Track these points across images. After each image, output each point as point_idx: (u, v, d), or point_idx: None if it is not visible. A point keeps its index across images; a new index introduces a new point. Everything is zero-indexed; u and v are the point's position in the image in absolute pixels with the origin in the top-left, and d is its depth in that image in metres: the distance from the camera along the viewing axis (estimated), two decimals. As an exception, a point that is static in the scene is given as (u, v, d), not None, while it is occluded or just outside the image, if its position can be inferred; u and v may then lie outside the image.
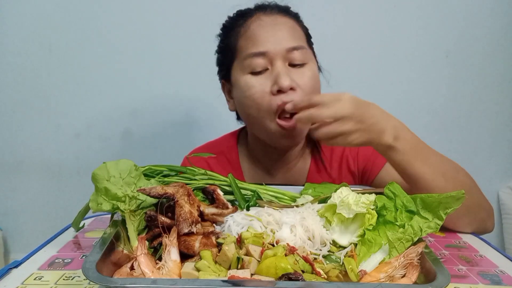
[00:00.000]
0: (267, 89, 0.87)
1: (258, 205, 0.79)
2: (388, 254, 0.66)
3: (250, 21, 0.93)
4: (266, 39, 0.89)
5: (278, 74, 0.86)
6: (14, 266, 0.70)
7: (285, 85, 0.85)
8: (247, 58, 0.89)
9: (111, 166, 0.70)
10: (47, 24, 1.61)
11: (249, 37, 0.91)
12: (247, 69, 0.90)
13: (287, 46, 0.88)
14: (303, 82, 0.88)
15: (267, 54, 0.88)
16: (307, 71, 0.90)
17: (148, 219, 0.69)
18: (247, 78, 0.90)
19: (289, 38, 0.89)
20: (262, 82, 0.88)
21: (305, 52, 0.90)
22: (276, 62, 0.88)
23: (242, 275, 0.56)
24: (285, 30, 0.91)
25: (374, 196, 0.72)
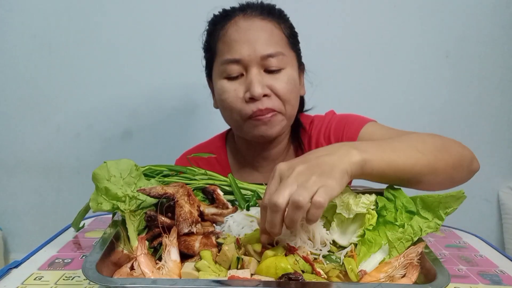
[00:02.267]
0: (241, 95, 0.89)
1: (258, 205, 0.79)
2: (388, 254, 0.66)
3: (229, 25, 0.92)
4: (241, 46, 0.89)
5: (250, 81, 0.88)
6: (14, 266, 0.70)
7: (257, 93, 0.86)
8: (223, 63, 0.91)
9: (111, 165, 0.70)
10: (47, 24, 1.61)
11: (225, 42, 0.91)
12: (223, 73, 0.91)
13: (262, 54, 0.88)
14: (278, 88, 0.89)
15: (242, 61, 0.89)
16: (282, 76, 0.90)
17: (148, 219, 0.69)
18: (223, 82, 0.92)
19: (265, 45, 0.89)
20: (236, 87, 0.90)
21: (281, 58, 0.90)
22: (251, 69, 0.89)
23: (242, 275, 0.56)
24: (261, 36, 0.90)
25: (374, 196, 0.72)
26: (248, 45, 0.89)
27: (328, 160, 0.61)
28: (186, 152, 1.13)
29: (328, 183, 0.58)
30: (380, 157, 0.67)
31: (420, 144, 0.74)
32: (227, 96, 0.91)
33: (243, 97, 0.89)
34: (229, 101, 0.90)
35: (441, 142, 0.78)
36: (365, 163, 0.64)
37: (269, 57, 0.89)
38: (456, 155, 0.77)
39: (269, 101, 0.89)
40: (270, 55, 0.89)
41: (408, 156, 0.70)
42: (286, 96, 0.90)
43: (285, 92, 0.90)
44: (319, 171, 0.59)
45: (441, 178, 0.74)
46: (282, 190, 0.57)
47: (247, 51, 0.88)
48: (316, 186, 0.57)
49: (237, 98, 0.90)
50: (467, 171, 0.80)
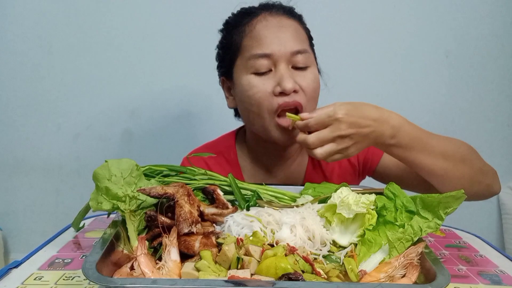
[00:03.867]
0: (269, 89, 0.89)
1: (258, 205, 0.79)
2: (388, 254, 0.66)
3: (256, 21, 0.93)
4: (271, 41, 0.89)
5: (282, 76, 0.88)
6: (14, 266, 0.70)
7: (288, 87, 0.87)
8: (251, 58, 0.90)
9: (112, 165, 0.70)
10: (47, 24, 1.61)
11: (254, 37, 0.91)
12: (251, 69, 0.90)
13: (291, 50, 0.89)
14: (305, 85, 0.90)
15: (272, 56, 0.89)
16: (309, 74, 0.92)
17: (148, 219, 0.69)
18: (250, 77, 0.90)
19: (293, 41, 0.90)
20: (264, 82, 0.89)
21: (308, 56, 0.92)
22: (280, 64, 0.89)
23: (242, 275, 0.56)
24: (290, 32, 0.91)
25: (374, 196, 0.72)
26: (278, 41, 0.89)
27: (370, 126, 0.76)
28: (194, 150, 1.11)
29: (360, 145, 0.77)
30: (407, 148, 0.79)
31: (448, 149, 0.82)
32: (256, 91, 0.89)
33: (272, 92, 0.88)
34: (258, 96, 0.89)
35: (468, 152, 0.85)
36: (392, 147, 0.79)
37: (298, 53, 0.90)
38: (478, 169, 0.84)
39: (297, 96, 0.89)
40: (299, 51, 0.90)
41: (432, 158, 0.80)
42: (312, 94, 0.91)
43: (311, 89, 0.91)
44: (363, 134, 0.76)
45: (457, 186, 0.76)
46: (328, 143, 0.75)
47: (278, 46, 0.89)
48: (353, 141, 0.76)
49: (265, 93, 0.89)
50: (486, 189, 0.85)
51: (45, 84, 1.66)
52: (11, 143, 1.71)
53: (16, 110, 1.68)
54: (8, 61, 1.64)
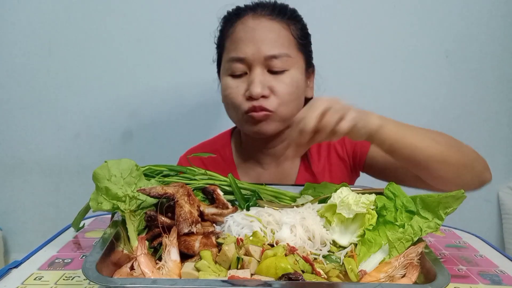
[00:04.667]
0: (241, 92, 0.92)
1: (258, 205, 0.79)
2: (388, 254, 0.66)
3: (238, 23, 0.95)
4: (246, 44, 0.91)
5: (252, 81, 0.90)
6: (14, 266, 0.70)
7: (255, 93, 0.88)
8: (228, 61, 0.94)
9: (112, 165, 0.70)
10: (47, 24, 1.61)
11: (233, 40, 0.94)
12: (228, 71, 0.94)
13: (266, 54, 0.90)
14: (279, 90, 0.91)
15: (246, 60, 0.91)
16: (285, 78, 0.92)
17: (148, 219, 0.69)
18: (227, 79, 0.95)
19: (270, 46, 0.90)
20: (238, 85, 0.92)
21: (285, 60, 0.91)
22: (254, 69, 0.91)
23: (242, 275, 0.56)
24: (268, 36, 0.91)
25: (374, 196, 0.72)
26: (253, 45, 0.90)
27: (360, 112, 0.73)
28: (190, 149, 1.13)
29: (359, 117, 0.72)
30: (396, 129, 0.75)
31: (437, 136, 0.80)
32: (230, 92, 0.93)
33: (244, 95, 0.92)
34: (231, 97, 0.93)
35: (456, 141, 0.83)
36: (381, 128, 0.73)
37: (273, 58, 0.90)
38: (469, 157, 0.82)
39: (265, 102, 0.90)
40: (274, 56, 0.90)
41: (423, 139, 0.77)
42: (284, 98, 0.92)
43: (284, 94, 0.91)
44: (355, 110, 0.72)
45: (450, 173, 0.77)
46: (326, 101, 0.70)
47: (252, 51, 0.90)
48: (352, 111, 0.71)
49: (238, 95, 0.92)
50: (477, 177, 0.82)
51: (45, 84, 1.66)
52: (11, 143, 1.71)
53: (16, 110, 1.68)
54: (8, 61, 1.64)
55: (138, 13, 1.61)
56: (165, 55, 1.63)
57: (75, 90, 1.66)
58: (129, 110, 1.68)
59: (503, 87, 1.69)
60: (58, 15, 1.60)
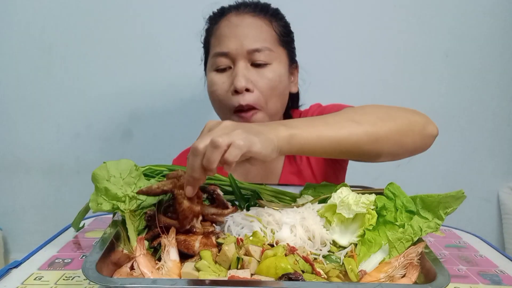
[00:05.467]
0: (227, 87, 0.94)
1: (258, 205, 0.79)
2: (388, 254, 0.66)
3: (221, 21, 0.98)
4: (229, 39, 0.94)
5: (236, 74, 0.92)
6: (14, 266, 0.70)
7: (239, 86, 0.90)
8: (213, 56, 0.96)
9: (111, 166, 0.70)
10: (47, 24, 1.61)
11: (217, 37, 0.97)
12: (213, 66, 0.96)
13: (248, 48, 0.93)
14: (261, 84, 0.93)
15: (229, 54, 0.94)
16: (268, 72, 0.94)
17: (148, 219, 0.69)
18: (212, 75, 0.97)
19: (252, 40, 0.93)
20: (224, 80, 0.95)
21: (268, 54, 0.94)
22: (238, 62, 0.93)
23: (242, 275, 0.56)
24: (250, 31, 0.94)
25: (374, 196, 0.72)
26: (236, 40, 0.93)
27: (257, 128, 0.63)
28: (184, 151, 1.15)
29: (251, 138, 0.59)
30: (308, 131, 0.68)
31: (358, 115, 0.74)
32: (216, 88, 0.96)
33: (229, 90, 0.94)
34: (217, 93, 0.95)
35: (384, 110, 0.78)
36: (292, 137, 0.65)
37: (255, 52, 0.93)
38: (402, 121, 0.77)
39: (250, 97, 0.92)
40: (257, 49, 0.93)
41: (341, 127, 0.71)
42: (268, 92, 0.94)
43: (267, 88, 0.93)
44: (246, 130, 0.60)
45: (388, 146, 0.74)
46: (205, 137, 0.59)
47: (235, 45, 0.93)
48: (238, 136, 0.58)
49: (223, 91, 0.94)
50: (420, 136, 0.78)
51: (45, 84, 1.66)
52: (11, 143, 1.71)
53: (16, 110, 1.68)
54: (8, 61, 1.64)
55: (138, 13, 1.61)
56: (165, 55, 1.63)
57: (75, 90, 1.66)
58: (129, 110, 1.68)
59: (503, 86, 1.69)
60: (58, 15, 1.61)
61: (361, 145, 0.72)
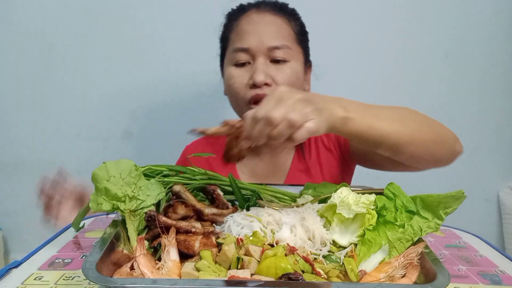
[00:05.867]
0: (245, 81, 0.97)
1: (258, 205, 0.79)
2: (388, 254, 0.66)
3: (242, 17, 1.01)
4: (250, 36, 0.97)
5: (255, 69, 0.95)
6: (14, 266, 0.70)
7: (259, 80, 0.93)
8: (233, 51, 0.99)
9: (111, 166, 0.70)
10: (47, 23, 1.61)
11: (237, 33, 0.99)
12: (233, 61, 0.99)
13: (268, 45, 0.96)
14: (280, 79, 0.95)
15: (250, 50, 0.96)
16: (286, 68, 0.97)
17: (148, 219, 0.69)
18: (231, 69, 0.99)
19: (272, 37, 0.96)
20: (242, 74, 0.97)
21: (287, 51, 0.97)
22: (257, 58, 0.96)
23: (242, 275, 0.56)
24: (270, 28, 0.97)
25: (374, 196, 0.72)
26: (257, 36, 0.96)
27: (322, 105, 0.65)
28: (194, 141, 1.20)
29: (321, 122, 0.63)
30: (362, 120, 0.70)
31: (403, 115, 0.78)
32: (233, 82, 0.98)
33: (247, 83, 0.96)
34: (235, 86, 0.98)
35: (423, 117, 0.83)
36: (346, 121, 0.68)
37: (275, 49, 0.96)
38: (437, 132, 0.81)
39: (268, 89, 0.95)
40: (276, 47, 0.96)
41: (390, 124, 0.73)
42: None
43: (284, 83, 0.94)
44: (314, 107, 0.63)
45: (422, 151, 0.77)
46: (280, 108, 0.61)
47: (255, 41, 0.96)
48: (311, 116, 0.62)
49: (241, 84, 0.97)
50: (449, 150, 0.82)
51: (45, 84, 1.66)
52: (11, 143, 1.71)
53: (16, 110, 1.68)
54: (8, 61, 1.64)
55: (138, 13, 1.61)
56: (165, 55, 1.63)
57: (75, 90, 1.66)
58: (129, 110, 1.68)
59: (503, 86, 1.69)
60: (58, 15, 1.60)
61: (400, 144, 0.74)
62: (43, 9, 1.60)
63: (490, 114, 1.71)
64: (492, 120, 1.71)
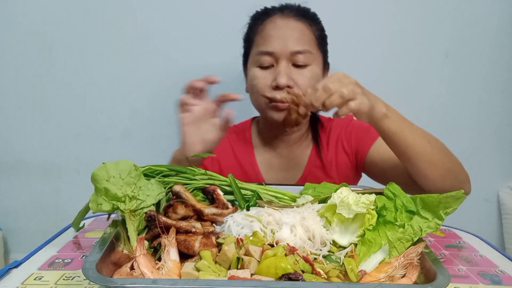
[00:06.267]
0: (268, 83, 1.02)
1: (258, 205, 0.79)
2: (388, 254, 0.66)
3: (267, 21, 1.06)
4: (275, 40, 1.02)
5: (279, 72, 1.00)
6: (14, 266, 0.70)
7: (282, 83, 0.99)
8: (258, 54, 1.04)
9: (110, 166, 0.70)
10: (47, 23, 1.61)
11: (263, 36, 1.05)
12: (257, 62, 1.05)
13: (291, 50, 1.01)
14: (301, 82, 1.01)
15: (274, 54, 1.02)
16: (307, 72, 1.03)
17: (148, 219, 0.69)
18: (255, 70, 1.05)
19: (295, 42, 1.02)
20: (265, 76, 1.03)
21: (308, 56, 1.03)
22: (281, 62, 1.02)
23: (242, 275, 0.56)
24: (294, 34, 1.03)
25: (374, 196, 0.72)
26: (281, 41, 1.02)
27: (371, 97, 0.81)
28: None
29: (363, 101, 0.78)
30: (398, 122, 0.82)
31: (430, 138, 0.86)
32: (257, 82, 1.04)
33: (270, 85, 1.02)
34: (258, 87, 1.04)
35: (446, 149, 0.89)
36: (385, 117, 0.81)
37: (297, 53, 1.01)
38: (454, 164, 0.88)
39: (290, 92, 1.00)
40: (299, 51, 1.01)
41: (419, 138, 0.83)
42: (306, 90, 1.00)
43: (305, 86, 1.00)
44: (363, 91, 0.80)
45: (435, 173, 0.84)
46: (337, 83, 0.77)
47: (279, 46, 1.01)
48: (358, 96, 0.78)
49: (265, 85, 1.03)
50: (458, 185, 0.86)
51: (45, 84, 1.66)
52: (11, 143, 1.71)
53: (16, 110, 1.68)
54: (8, 61, 1.64)
55: (138, 13, 1.61)
56: (165, 54, 1.63)
57: (75, 90, 1.66)
58: (129, 110, 1.68)
59: (503, 86, 1.68)
60: (58, 15, 1.60)
61: (421, 159, 0.83)
62: (43, 9, 1.60)
63: (490, 114, 1.70)
64: (492, 120, 1.71)
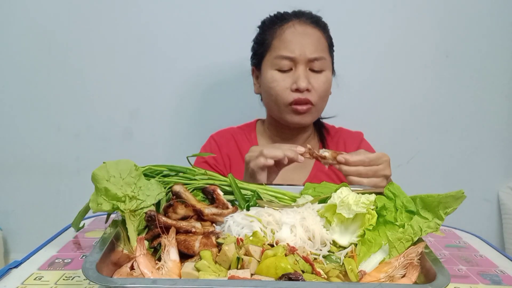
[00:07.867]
0: (288, 85, 1.10)
1: (258, 205, 0.79)
2: (388, 254, 0.66)
3: (286, 26, 1.12)
4: (295, 46, 1.09)
5: (299, 76, 1.08)
6: (14, 266, 0.70)
7: (302, 86, 1.07)
8: (277, 58, 1.11)
9: (111, 166, 0.70)
10: (47, 23, 1.61)
11: (282, 40, 1.11)
12: (276, 66, 1.11)
13: (310, 56, 1.09)
14: (317, 86, 1.10)
15: (294, 59, 1.09)
16: (322, 77, 1.11)
17: (148, 219, 0.69)
18: (273, 73, 1.11)
19: (313, 49, 1.10)
20: (284, 79, 1.10)
21: (323, 62, 1.11)
22: (299, 66, 1.09)
23: (242, 275, 0.56)
24: (312, 40, 1.10)
25: (374, 196, 0.72)
26: (301, 47, 1.09)
27: None
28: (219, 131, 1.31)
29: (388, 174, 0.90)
30: None
31: None
32: (276, 85, 1.11)
33: (289, 87, 1.09)
34: (277, 89, 1.10)
35: None
36: None
37: (314, 60, 1.10)
38: None
39: (308, 94, 1.09)
40: (316, 58, 1.10)
41: None
42: (323, 93, 1.12)
43: (322, 90, 1.11)
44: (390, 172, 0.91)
45: None
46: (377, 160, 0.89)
47: (299, 52, 1.09)
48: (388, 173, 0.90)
49: (284, 88, 1.10)
50: None
51: (45, 84, 1.66)
52: (11, 143, 1.71)
53: (16, 110, 1.68)
54: (8, 61, 1.64)
55: (138, 13, 1.61)
56: (165, 54, 1.63)
57: (75, 90, 1.66)
58: (129, 110, 1.68)
59: (503, 86, 1.68)
60: (58, 15, 1.60)
61: None
62: (43, 9, 1.60)
63: (490, 114, 1.70)
64: (492, 120, 1.71)
